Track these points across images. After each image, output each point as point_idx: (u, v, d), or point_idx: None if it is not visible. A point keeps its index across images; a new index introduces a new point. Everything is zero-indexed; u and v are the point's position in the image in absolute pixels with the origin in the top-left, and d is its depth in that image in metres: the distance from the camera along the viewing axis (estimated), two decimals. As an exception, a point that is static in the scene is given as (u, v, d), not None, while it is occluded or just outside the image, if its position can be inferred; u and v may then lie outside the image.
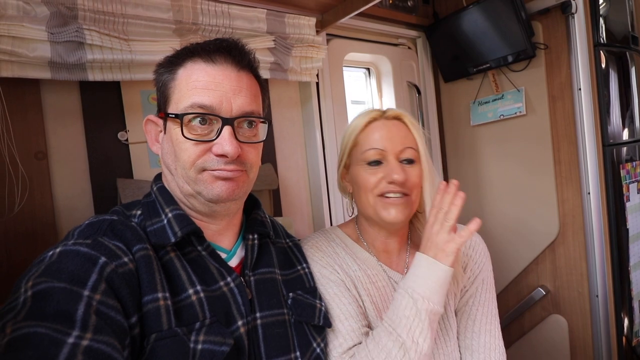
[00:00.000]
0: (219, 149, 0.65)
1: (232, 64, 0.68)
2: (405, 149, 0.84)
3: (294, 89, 1.63)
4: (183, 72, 0.68)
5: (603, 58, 1.53)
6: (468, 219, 0.77)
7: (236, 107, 0.66)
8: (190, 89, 0.66)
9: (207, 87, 0.65)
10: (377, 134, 0.86)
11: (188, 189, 0.68)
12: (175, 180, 0.70)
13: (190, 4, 1.19)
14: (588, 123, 1.51)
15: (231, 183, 0.67)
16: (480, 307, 0.89)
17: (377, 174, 0.84)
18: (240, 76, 0.69)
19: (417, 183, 0.85)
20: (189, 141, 0.65)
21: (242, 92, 0.68)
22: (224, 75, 0.67)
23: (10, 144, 1.01)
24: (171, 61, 0.70)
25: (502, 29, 1.61)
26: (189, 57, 0.68)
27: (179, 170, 0.67)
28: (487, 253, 0.94)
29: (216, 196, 0.66)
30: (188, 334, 0.60)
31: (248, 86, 0.69)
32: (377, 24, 1.77)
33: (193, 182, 0.67)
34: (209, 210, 0.70)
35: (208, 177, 0.66)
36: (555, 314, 1.67)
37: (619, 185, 1.55)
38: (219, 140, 0.65)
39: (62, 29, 0.98)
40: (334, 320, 0.79)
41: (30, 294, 0.49)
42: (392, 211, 0.83)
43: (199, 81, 0.66)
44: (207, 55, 0.67)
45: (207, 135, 0.66)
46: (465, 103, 1.92)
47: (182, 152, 0.66)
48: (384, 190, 0.83)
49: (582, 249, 1.57)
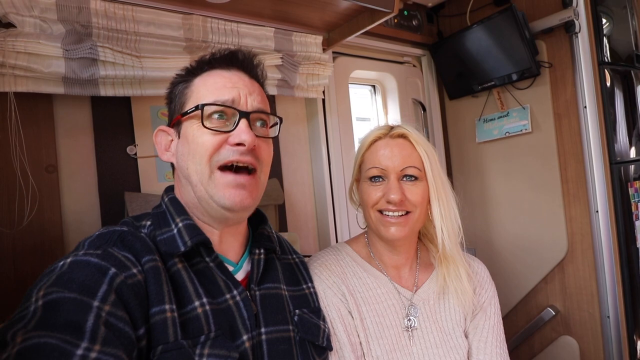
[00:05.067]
0: (236, 138, 0.67)
1: (244, 72, 0.74)
2: (407, 168, 0.85)
3: (300, 105, 1.65)
4: (199, 80, 0.72)
5: (608, 76, 1.54)
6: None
7: (251, 104, 0.71)
8: (208, 90, 0.70)
9: (225, 85, 0.70)
10: (380, 153, 0.88)
11: (201, 190, 0.68)
12: (189, 183, 0.69)
13: (201, 23, 1.23)
14: (595, 141, 1.51)
15: (244, 191, 0.68)
16: (491, 330, 0.89)
17: (378, 191, 0.86)
18: (252, 82, 0.75)
19: (419, 200, 0.85)
20: (208, 132, 0.67)
21: (255, 93, 0.72)
22: (238, 78, 0.72)
23: (22, 157, 1.03)
24: (189, 72, 0.74)
25: (506, 47, 1.63)
26: (207, 66, 0.73)
27: (193, 167, 0.68)
28: (491, 279, 0.97)
29: (231, 204, 0.67)
30: (193, 347, 0.59)
31: (259, 90, 0.75)
32: (382, 43, 1.80)
33: (206, 181, 0.67)
34: (220, 215, 0.70)
35: (221, 182, 0.67)
36: (565, 335, 1.63)
37: (627, 204, 1.53)
38: (236, 130, 0.67)
39: (77, 46, 1.01)
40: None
41: (40, 304, 0.49)
42: (392, 229, 0.85)
43: (216, 83, 0.71)
44: (224, 64, 0.73)
45: (224, 127, 0.68)
46: (471, 120, 1.93)
47: (199, 146, 0.67)
48: (383, 208, 0.85)
49: (591, 268, 1.54)
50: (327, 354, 0.78)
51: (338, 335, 0.81)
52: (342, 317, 0.83)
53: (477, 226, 1.90)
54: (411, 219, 0.85)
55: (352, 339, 0.82)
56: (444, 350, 0.85)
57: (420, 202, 0.85)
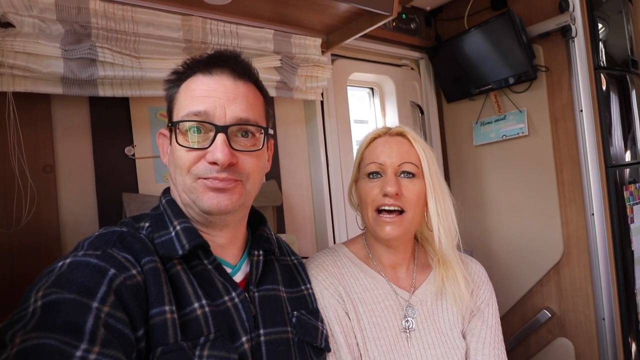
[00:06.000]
0: (211, 156, 0.65)
1: (227, 74, 0.69)
2: (404, 163, 0.86)
3: (298, 107, 1.65)
4: (184, 85, 0.70)
5: (603, 81, 1.56)
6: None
7: (230, 115, 0.66)
8: (187, 98, 0.68)
9: (202, 95, 0.67)
10: (379, 149, 0.89)
11: (186, 198, 0.69)
12: (177, 190, 0.71)
13: (200, 24, 1.23)
14: (590, 144, 1.52)
15: (224, 195, 0.67)
16: (489, 331, 0.89)
17: (375, 187, 0.87)
18: (236, 85, 0.69)
19: (415, 199, 0.86)
20: (183, 148, 0.66)
21: (237, 100, 0.68)
22: (218, 84, 0.68)
23: (20, 157, 1.03)
24: (178, 75, 0.72)
25: (503, 51, 1.65)
26: (190, 70, 0.70)
27: (178, 178, 0.69)
28: (489, 280, 0.97)
29: (208, 207, 0.66)
30: (192, 348, 0.59)
31: (244, 94, 0.69)
32: (381, 45, 1.81)
33: (189, 190, 0.68)
34: (204, 220, 0.70)
35: (200, 186, 0.67)
36: (561, 337, 1.63)
37: (622, 207, 1.54)
38: (212, 147, 0.65)
39: (76, 46, 1.01)
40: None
41: (40, 305, 0.49)
42: (387, 228, 0.85)
43: (195, 90, 0.68)
44: (205, 68, 0.69)
45: (201, 143, 0.67)
46: (468, 123, 1.94)
47: (178, 159, 0.67)
48: (380, 204, 0.86)
49: (587, 271, 1.56)
50: (325, 355, 0.78)
51: (335, 337, 0.81)
52: (339, 318, 0.83)
53: (473, 228, 1.91)
54: (406, 219, 0.85)
55: (350, 340, 0.82)
56: (441, 351, 0.85)
57: (415, 200, 0.86)
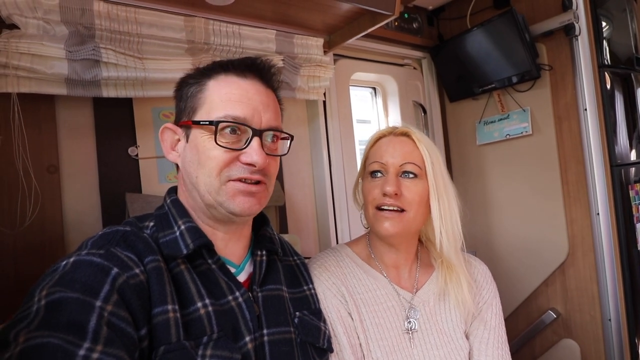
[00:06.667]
0: (248, 157, 0.67)
1: (260, 80, 0.73)
2: (406, 164, 0.86)
3: (301, 107, 1.65)
4: (214, 84, 0.70)
5: (608, 79, 1.55)
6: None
7: (265, 121, 0.70)
8: (223, 100, 0.68)
9: (240, 100, 0.68)
10: (383, 149, 0.89)
11: (209, 199, 0.68)
12: (196, 189, 0.69)
13: (203, 25, 1.23)
14: (595, 143, 1.51)
15: (253, 199, 0.69)
16: (492, 331, 0.89)
17: (376, 186, 0.87)
18: (268, 93, 0.73)
19: (416, 199, 0.85)
20: (220, 148, 0.66)
21: (269, 108, 0.72)
22: (255, 90, 0.71)
23: (25, 158, 1.03)
24: (202, 73, 0.72)
25: (506, 50, 1.64)
26: (222, 71, 0.71)
27: (202, 178, 0.68)
28: (492, 280, 0.96)
29: (240, 210, 0.68)
30: (195, 347, 0.59)
31: (273, 102, 0.74)
32: (383, 45, 1.81)
33: (216, 192, 0.67)
34: (227, 219, 0.71)
35: (231, 189, 0.67)
36: (567, 338, 1.62)
37: (628, 206, 1.53)
38: (248, 149, 0.67)
39: (80, 48, 1.01)
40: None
41: (43, 304, 0.49)
42: (386, 224, 0.85)
43: (232, 94, 0.69)
44: (241, 71, 0.71)
45: (235, 144, 0.68)
46: (471, 122, 1.93)
47: (210, 159, 0.67)
48: (380, 203, 0.85)
49: (592, 271, 1.54)
50: (327, 355, 0.78)
51: (338, 337, 0.81)
52: (341, 319, 0.82)
53: (477, 228, 1.90)
54: (405, 218, 0.85)
55: (352, 341, 0.82)
56: (444, 351, 0.85)
57: (417, 201, 0.85)
